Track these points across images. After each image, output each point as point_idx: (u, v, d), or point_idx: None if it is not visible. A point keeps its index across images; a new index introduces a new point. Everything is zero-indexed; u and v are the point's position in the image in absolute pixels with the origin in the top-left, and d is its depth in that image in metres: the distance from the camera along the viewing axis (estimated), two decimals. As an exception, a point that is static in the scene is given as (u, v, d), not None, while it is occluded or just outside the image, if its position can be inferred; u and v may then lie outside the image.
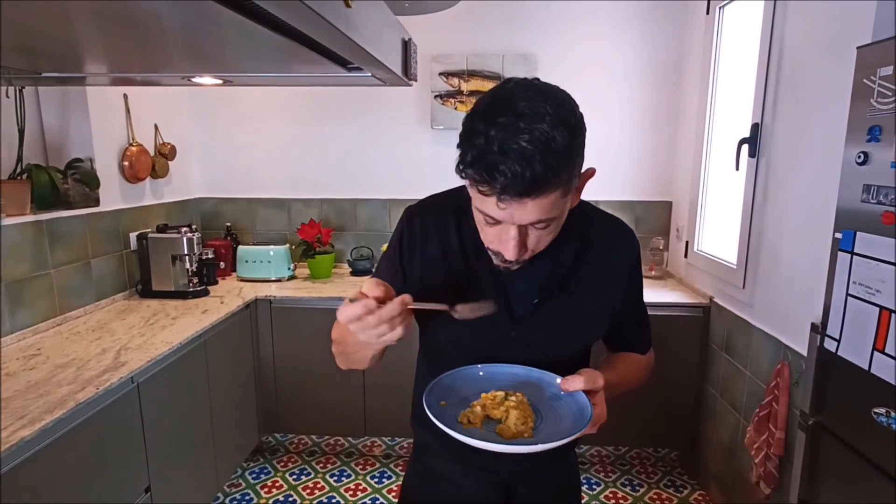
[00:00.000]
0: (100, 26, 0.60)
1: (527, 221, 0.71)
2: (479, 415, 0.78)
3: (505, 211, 0.69)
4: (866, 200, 1.28)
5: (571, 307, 0.88)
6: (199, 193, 3.05)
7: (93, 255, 2.21)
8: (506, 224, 0.72)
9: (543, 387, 0.85)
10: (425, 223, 0.91)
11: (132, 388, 1.62)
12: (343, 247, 3.04)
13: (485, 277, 0.86)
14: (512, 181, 0.65)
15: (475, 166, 0.67)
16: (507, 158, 0.64)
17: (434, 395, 0.80)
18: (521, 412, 0.77)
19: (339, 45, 0.55)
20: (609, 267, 0.91)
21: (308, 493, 2.42)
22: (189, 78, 0.86)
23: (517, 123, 0.65)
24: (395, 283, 0.87)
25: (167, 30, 0.59)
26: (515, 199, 0.67)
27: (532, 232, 0.74)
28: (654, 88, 2.77)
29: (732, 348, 2.15)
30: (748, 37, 2.11)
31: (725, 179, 2.32)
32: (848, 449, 1.33)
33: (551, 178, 0.66)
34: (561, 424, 0.78)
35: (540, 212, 0.69)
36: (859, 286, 1.28)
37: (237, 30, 0.56)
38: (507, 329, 0.87)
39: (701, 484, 2.46)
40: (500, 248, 0.76)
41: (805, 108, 1.71)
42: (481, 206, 0.72)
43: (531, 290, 0.87)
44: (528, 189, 0.66)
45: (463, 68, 2.76)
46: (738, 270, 2.08)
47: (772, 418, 1.72)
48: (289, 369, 2.56)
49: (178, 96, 2.82)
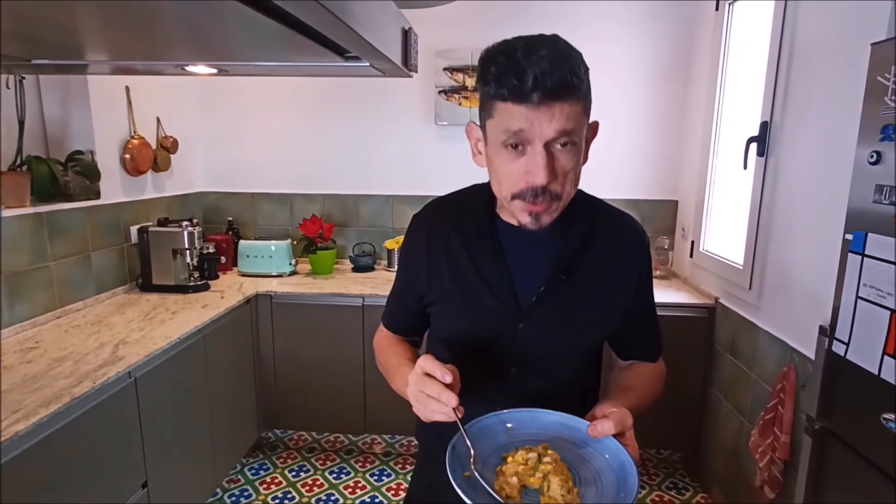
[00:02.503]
0: (90, 10, 0.58)
1: (554, 131, 0.71)
2: (516, 486, 0.70)
3: (533, 121, 0.70)
4: (878, 201, 1.25)
5: (579, 298, 0.87)
6: (201, 187, 3.04)
7: (93, 248, 2.20)
8: (532, 147, 0.73)
9: (569, 435, 0.78)
10: (429, 225, 0.93)
11: (129, 383, 1.61)
12: (345, 243, 3.02)
13: (490, 268, 0.86)
14: (542, 79, 0.68)
15: (504, 76, 0.69)
16: (533, 62, 0.68)
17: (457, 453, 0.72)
18: (561, 477, 0.70)
19: (335, 33, 0.53)
20: (618, 261, 0.89)
21: (307, 489, 2.41)
22: (182, 66, 0.84)
23: (534, 43, 0.70)
24: (407, 292, 0.97)
25: (159, 15, 0.57)
26: (544, 104, 0.69)
27: (558, 155, 0.74)
28: (661, 87, 2.73)
29: (738, 350, 2.12)
30: (758, 34, 2.07)
31: (733, 178, 2.28)
32: (855, 455, 1.30)
33: (576, 82, 0.70)
34: (602, 484, 0.72)
35: (566, 121, 0.70)
36: (870, 289, 1.25)
37: (230, 15, 0.54)
38: (515, 321, 0.86)
39: (704, 487, 2.44)
40: (527, 179, 0.74)
41: (816, 106, 1.67)
42: (507, 123, 0.72)
43: (538, 277, 0.85)
44: (558, 88, 0.68)
45: (468, 63, 2.74)
46: (744, 271, 2.05)
47: (777, 422, 1.69)
48: (289, 365, 2.54)
49: (180, 89, 2.81)
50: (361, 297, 2.45)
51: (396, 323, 1.03)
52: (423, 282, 0.92)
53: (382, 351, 1.01)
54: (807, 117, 1.72)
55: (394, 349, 0.99)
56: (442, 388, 0.70)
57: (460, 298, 0.89)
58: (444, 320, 0.94)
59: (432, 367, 0.72)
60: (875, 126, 1.26)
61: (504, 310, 0.86)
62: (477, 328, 0.89)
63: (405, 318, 1.02)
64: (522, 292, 0.86)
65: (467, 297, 0.88)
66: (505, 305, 0.86)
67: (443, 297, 0.91)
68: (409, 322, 1.02)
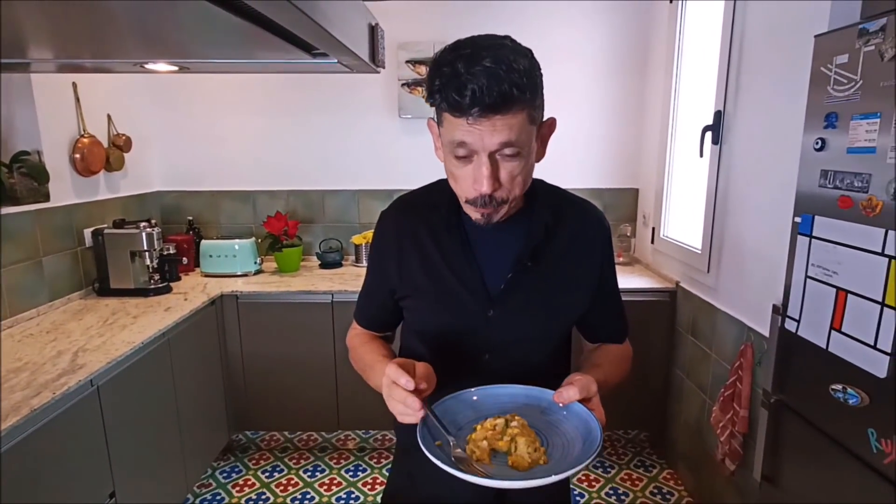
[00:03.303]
0: (43, 5, 0.55)
1: (496, 143, 0.73)
2: (486, 448, 0.75)
3: (475, 133, 0.72)
4: (824, 185, 1.32)
5: (546, 283, 0.90)
6: (158, 187, 2.93)
7: (44, 252, 2.10)
8: (478, 156, 0.75)
9: (536, 404, 0.82)
10: (397, 222, 0.95)
11: (91, 392, 1.55)
12: (311, 239, 2.98)
13: (459, 260, 0.89)
14: (480, 95, 0.69)
15: (445, 89, 0.71)
16: (474, 77, 0.69)
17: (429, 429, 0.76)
18: (527, 438, 0.74)
19: (303, 30, 0.52)
20: (581, 245, 0.93)
21: (281, 489, 2.39)
22: (142, 64, 0.81)
23: (480, 52, 0.71)
24: (378, 289, 0.99)
25: (117, 11, 0.55)
26: (484, 117, 0.71)
27: (503, 164, 0.76)
28: (620, 77, 2.80)
29: (698, 331, 2.21)
30: (710, 26, 2.15)
31: (690, 166, 2.37)
32: (807, 424, 1.39)
33: (517, 94, 0.70)
34: (568, 443, 0.76)
35: (508, 132, 0.72)
36: (817, 268, 1.33)
37: (193, 12, 0.53)
38: (486, 308, 0.89)
39: (669, 463, 2.54)
40: (474, 187, 0.77)
41: (765, 96, 1.75)
42: (452, 135, 0.74)
43: (505, 265, 0.88)
44: (496, 102, 0.69)
45: (430, 55, 2.73)
46: (702, 255, 2.14)
47: (736, 397, 1.78)
48: (258, 366, 2.50)
49: (131, 85, 2.69)
50: (330, 294, 2.43)
51: (368, 319, 1.05)
52: (394, 277, 0.94)
53: (356, 350, 1.02)
54: (757, 106, 1.80)
55: (367, 346, 1.00)
56: (406, 394, 0.73)
57: (432, 291, 0.91)
58: (417, 313, 0.97)
59: (396, 375, 0.74)
60: (819, 114, 1.34)
61: (474, 299, 0.89)
62: (449, 318, 0.92)
63: (377, 314, 1.03)
64: (491, 281, 0.89)
65: (438, 290, 0.91)
66: (475, 295, 0.89)
67: (415, 291, 0.93)
68: (382, 317, 1.03)
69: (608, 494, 2.36)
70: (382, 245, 0.96)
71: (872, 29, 1.17)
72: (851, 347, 1.22)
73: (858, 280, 1.21)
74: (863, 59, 1.20)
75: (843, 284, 1.25)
